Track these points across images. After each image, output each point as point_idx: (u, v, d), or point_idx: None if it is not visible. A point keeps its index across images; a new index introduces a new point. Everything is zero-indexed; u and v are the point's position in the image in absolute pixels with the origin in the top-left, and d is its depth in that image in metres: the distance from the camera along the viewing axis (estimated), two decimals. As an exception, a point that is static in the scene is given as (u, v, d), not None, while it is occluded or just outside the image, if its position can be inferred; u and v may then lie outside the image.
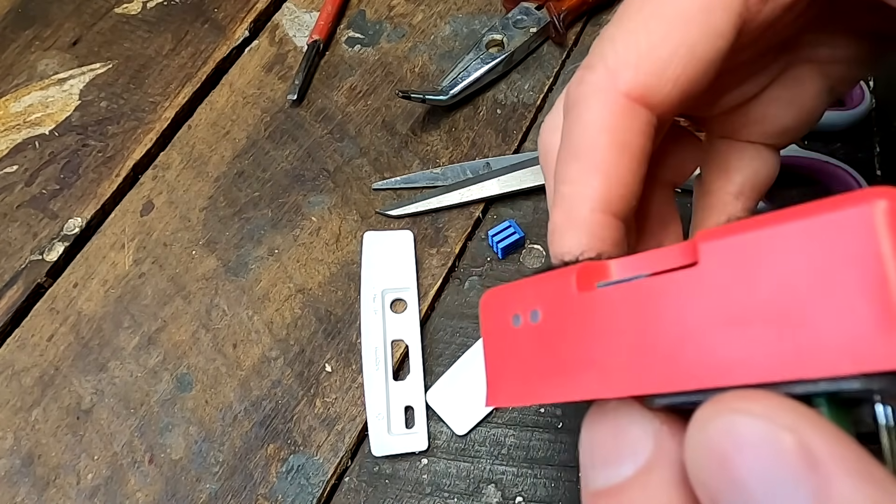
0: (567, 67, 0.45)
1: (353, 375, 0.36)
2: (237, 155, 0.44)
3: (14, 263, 0.41)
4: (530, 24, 0.45)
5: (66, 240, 0.42)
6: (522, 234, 0.38)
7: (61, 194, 0.43)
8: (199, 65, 0.48)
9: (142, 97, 0.47)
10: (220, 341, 0.38)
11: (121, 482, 0.35)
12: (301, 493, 0.34)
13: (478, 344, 0.36)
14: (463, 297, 0.38)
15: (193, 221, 0.42)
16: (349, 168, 0.43)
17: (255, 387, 0.36)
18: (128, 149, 0.45)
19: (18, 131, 0.46)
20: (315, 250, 0.40)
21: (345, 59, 0.47)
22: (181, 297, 0.39)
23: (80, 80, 0.48)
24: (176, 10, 0.50)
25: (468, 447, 0.34)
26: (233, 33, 0.49)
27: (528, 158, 0.41)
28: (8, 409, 0.37)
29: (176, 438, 0.35)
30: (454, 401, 0.35)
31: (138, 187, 0.43)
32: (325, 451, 0.35)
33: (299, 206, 0.42)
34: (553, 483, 0.33)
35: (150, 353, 0.38)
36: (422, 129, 0.44)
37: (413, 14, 0.49)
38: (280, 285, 0.39)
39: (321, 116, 0.45)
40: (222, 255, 0.40)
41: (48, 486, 0.35)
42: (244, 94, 0.46)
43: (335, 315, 0.38)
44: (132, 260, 0.41)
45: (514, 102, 0.44)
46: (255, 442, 0.35)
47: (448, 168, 0.42)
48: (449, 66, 0.45)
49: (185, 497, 0.34)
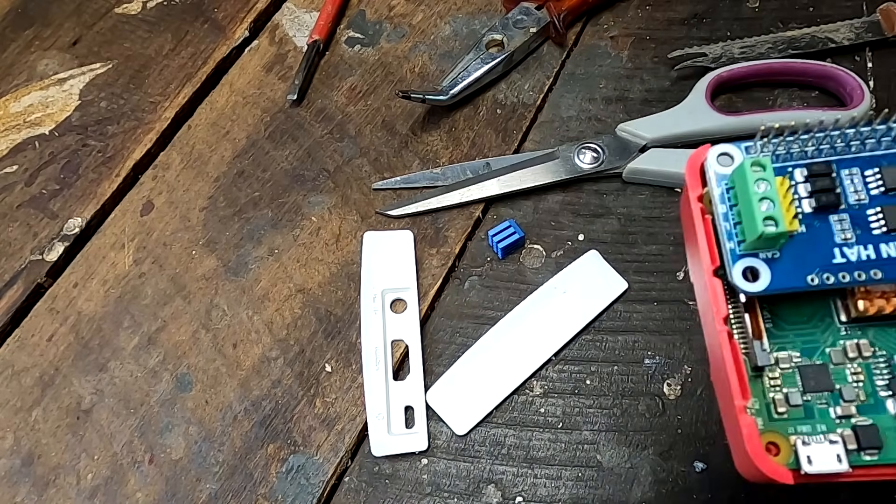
0: (567, 67, 0.45)
1: (353, 375, 0.36)
2: (237, 155, 0.44)
3: (14, 263, 0.41)
4: (530, 24, 0.45)
5: (66, 240, 0.42)
6: (522, 234, 0.38)
7: (61, 194, 0.43)
8: (199, 65, 0.48)
9: (142, 97, 0.47)
10: (220, 341, 0.38)
11: (121, 482, 0.35)
12: (301, 493, 0.34)
13: (478, 344, 0.36)
14: (463, 297, 0.38)
15: (193, 221, 0.42)
16: (349, 168, 0.43)
17: (255, 387, 0.36)
18: (128, 149, 0.45)
19: (18, 131, 0.46)
20: (315, 250, 0.40)
21: (345, 59, 0.47)
22: (181, 297, 0.39)
23: (80, 80, 0.48)
24: (176, 10, 0.50)
25: (468, 447, 0.34)
26: (233, 33, 0.49)
27: (528, 158, 0.41)
28: (8, 409, 0.37)
29: (176, 438, 0.35)
30: (454, 401, 0.35)
31: (138, 187, 0.43)
32: (325, 451, 0.35)
33: (299, 206, 0.42)
34: (553, 483, 0.33)
35: (150, 353, 0.38)
36: (422, 129, 0.44)
37: (413, 14, 0.49)
38: (280, 285, 0.39)
39: (321, 116, 0.45)
40: (222, 255, 0.40)
41: (48, 486, 0.35)
42: (244, 94, 0.46)
43: (335, 315, 0.38)
44: (132, 260, 0.41)
45: (514, 102, 0.44)
46: (255, 442, 0.35)
47: (448, 168, 0.42)
48: (449, 66, 0.45)
49: (185, 497, 0.34)
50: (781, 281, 0.18)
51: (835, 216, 0.19)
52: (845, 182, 0.19)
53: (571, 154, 0.41)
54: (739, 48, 0.43)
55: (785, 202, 0.18)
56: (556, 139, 0.42)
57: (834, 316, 0.19)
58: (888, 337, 0.19)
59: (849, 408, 0.18)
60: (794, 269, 0.18)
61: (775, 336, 0.19)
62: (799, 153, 0.19)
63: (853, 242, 0.18)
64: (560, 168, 0.40)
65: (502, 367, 0.36)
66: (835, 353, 0.19)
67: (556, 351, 0.36)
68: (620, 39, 0.46)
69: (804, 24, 0.44)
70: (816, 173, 0.19)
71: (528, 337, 0.36)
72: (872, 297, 0.18)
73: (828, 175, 0.18)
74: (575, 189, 0.41)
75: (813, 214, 0.19)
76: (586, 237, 0.39)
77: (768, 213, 0.17)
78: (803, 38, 0.43)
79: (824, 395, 0.18)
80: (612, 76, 0.44)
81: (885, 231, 0.18)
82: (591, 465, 0.33)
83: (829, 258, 0.18)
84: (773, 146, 0.19)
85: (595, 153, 0.41)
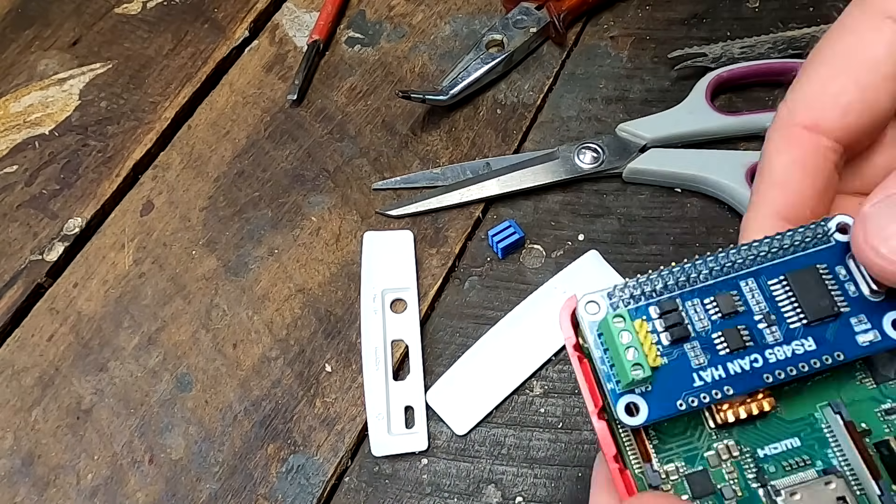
0: (567, 67, 0.45)
1: (353, 375, 0.36)
2: (237, 155, 0.44)
3: (14, 263, 0.41)
4: (530, 24, 0.45)
5: (66, 240, 0.42)
6: (522, 234, 0.38)
7: (61, 194, 0.43)
8: (199, 65, 0.48)
9: (142, 97, 0.47)
10: (220, 341, 0.38)
11: (121, 482, 0.35)
12: (301, 493, 0.34)
13: (478, 344, 0.36)
14: (463, 297, 0.38)
15: (193, 221, 0.42)
16: (349, 168, 0.43)
17: (255, 387, 0.36)
18: (128, 149, 0.45)
19: (18, 131, 0.46)
20: (315, 250, 0.40)
21: (345, 59, 0.47)
22: (181, 297, 0.39)
23: (80, 80, 0.48)
24: (176, 10, 0.50)
25: (468, 447, 0.34)
26: (233, 33, 0.49)
27: (528, 158, 0.41)
28: (8, 409, 0.37)
29: (176, 438, 0.35)
30: (454, 401, 0.35)
31: (138, 187, 0.43)
32: (325, 451, 0.35)
33: (299, 206, 0.42)
34: (553, 483, 0.33)
35: (150, 353, 0.38)
36: (422, 129, 0.44)
37: (413, 14, 0.49)
38: (280, 285, 0.39)
39: (321, 116, 0.45)
40: (222, 255, 0.40)
41: (48, 486, 0.35)
42: (244, 94, 0.46)
43: (335, 315, 0.38)
44: (132, 260, 0.41)
45: (514, 102, 0.44)
46: (255, 442, 0.35)
47: (448, 168, 0.42)
48: (449, 66, 0.45)
49: (185, 497, 0.34)
50: (657, 412, 0.21)
51: (688, 345, 0.21)
52: (690, 313, 0.22)
53: (571, 154, 0.41)
54: (739, 48, 0.43)
55: (646, 344, 0.21)
56: (556, 139, 0.42)
57: (705, 424, 0.22)
58: (748, 435, 0.22)
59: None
60: (666, 399, 0.21)
61: (662, 451, 0.22)
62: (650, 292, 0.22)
63: (706, 365, 0.21)
64: (560, 168, 0.40)
65: (502, 368, 0.36)
66: (711, 457, 0.22)
67: (556, 351, 0.36)
68: (620, 39, 0.46)
69: (804, 24, 0.44)
70: (666, 310, 0.21)
71: (528, 337, 0.36)
72: (731, 406, 0.21)
73: (675, 310, 0.21)
74: (575, 189, 0.41)
75: (671, 346, 0.21)
76: (586, 237, 0.39)
77: (635, 360, 0.20)
78: (803, 38, 0.43)
79: (710, 497, 0.21)
80: (612, 76, 0.44)
81: (729, 351, 0.21)
82: (591, 465, 0.33)
83: (690, 383, 0.21)
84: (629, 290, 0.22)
85: (595, 153, 0.41)
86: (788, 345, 0.21)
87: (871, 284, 0.21)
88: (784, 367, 0.21)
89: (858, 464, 0.21)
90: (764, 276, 0.22)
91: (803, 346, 0.21)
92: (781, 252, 0.22)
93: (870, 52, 0.23)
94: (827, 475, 0.21)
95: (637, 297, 0.22)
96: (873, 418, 0.22)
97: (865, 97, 0.23)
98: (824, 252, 0.22)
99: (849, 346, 0.21)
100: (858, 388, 0.22)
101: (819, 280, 0.21)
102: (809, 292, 0.21)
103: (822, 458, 0.22)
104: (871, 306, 0.21)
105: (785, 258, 0.22)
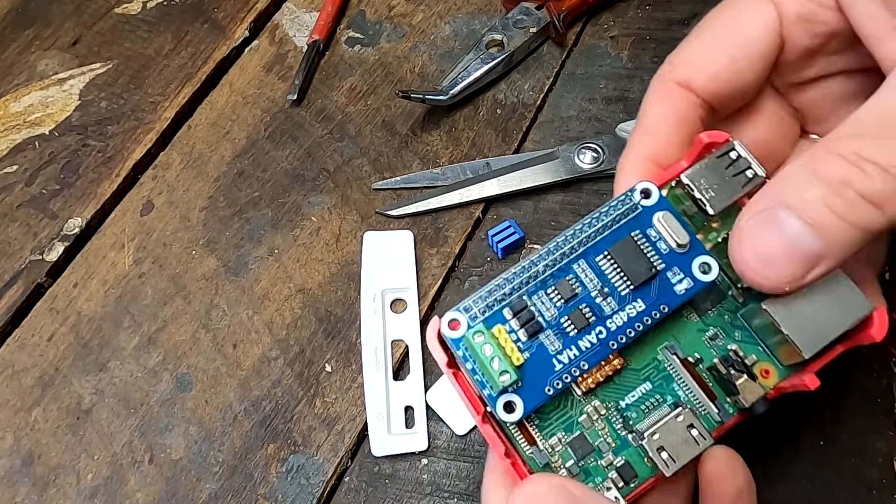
0: (567, 67, 0.45)
1: (353, 375, 0.36)
2: (237, 155, 0.44)
3: (14, 263, 0.41)
4: (530, 24, 0.45)
5: (66, 240, 0.42)
6: (522, 233, 0.38)
7: (61, 194, 0.43)
8: (199, 65, 0.48)
9: (142, 97, 0.47)
10: (220, 341, 0.38)
11: (121, 482, 0.35)
12: (301, 493, 0.34)
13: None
14: (463, 296, 0.38)
15: (193, 221, 0.42)
16: (349, 168, 0.43)
17: (255, 387, 0.36)
18: (128, 149, 0.45)
19: (18, 131, 0.46)
20: (315, 250, 0.40)
21: (345, 59, 0.47)
22: (181, 297, 0.39)
23: (80, 80, 0.48)
24: (176, 10, 0.50)
25: (468, 447, 0.34)
26: (233, 33, 0.49)
27: (528, 158, 0.41)
28: (8, 409, 0.37)
29: (176, 438, 0.35)
30: (454, 401, 0.35)
31: (138, 187, 0.43)
32: (325, 451, 0.35)
33: (299, 206, 0.42)
34: (553, 483, 0.33)
35: (150, 353, 0.38)
36: (422, 129, 0.44)
37: (413, 14, 0.49)
38: (280, 285, 0.39)
39: (321, 116, 0.45)
40: (222, 255, 0.40)
41: (48, 486, 0.35)
42: (244, 94, 0.46)
43: (335, 315, 0.38)
44: (132, 260, 0.41)
45: (514, 102, 0.44)
46: (255, 442, 0.35)
47: (448, 168, 0.42)
48: (449, 66, 0.45)
49: (185, 497, 0.34)
50: (531, 402, 0.23)
51: (542, 335, 0.24)
52: (539, 306, 0.24)
53: (571, 154, 0.41)
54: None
55: (507, 348, 0.23)
56: (556, 139, 0.42)
57: (573, 393, 0.25)
58: (609, 392, 0.25)
59: (608, 456, 0.24)
60: (536, 388, 0.23)
61: (544, 428, 0.24)
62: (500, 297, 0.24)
63: (562, 349, 0.24)
64: (560, 168, 0.40)
65: (502, 367, 0.36)
66: (584, 420, 0.25)
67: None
68: (620, 39, 0.46)
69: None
70: (517, 310, 0.24)
71: (527, 337, 0.36)
72: (590, 375, 0.24)
73: (525, 308, 0.24)
74: (575, 189, 0.41)
75: (529, 340, 0.24)
76: (586, 237, 0.39)
77: (501, 369, 0.22)
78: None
79: (591, 454, 0.24)
80: (612, 76, 0.44)
81: (577, 331, 0.24)
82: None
83: (552, 368, 0.23)
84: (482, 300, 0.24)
85: (595, 153, 0.41)
86: (623, 311, 0.24)
87: (677, 239, 0.24)
88: (624, 331, 0.24)
89: (697, 391, 0.24)
90: (591, 255, 0.24)
91: (635, 308, 0.24)
92: (602, 228, 0.24)
93: (747, 30, 0.26)
94: (676, 408, 0.24)
95: (491, 304, 0.24)
96: (703, 346, 0.25)
97: (732, 69, 0.26)
98: (634, 220, 0.24)
99: (671, 298, 0.24)
100: (687, 324, 0.25)
101: (635, 247, 0.24)
102: (629, 259, 0.24)
103: (671, 392, 0.25)
104: (681, 258, 0.24)
105: (605, 234, 0.24)
